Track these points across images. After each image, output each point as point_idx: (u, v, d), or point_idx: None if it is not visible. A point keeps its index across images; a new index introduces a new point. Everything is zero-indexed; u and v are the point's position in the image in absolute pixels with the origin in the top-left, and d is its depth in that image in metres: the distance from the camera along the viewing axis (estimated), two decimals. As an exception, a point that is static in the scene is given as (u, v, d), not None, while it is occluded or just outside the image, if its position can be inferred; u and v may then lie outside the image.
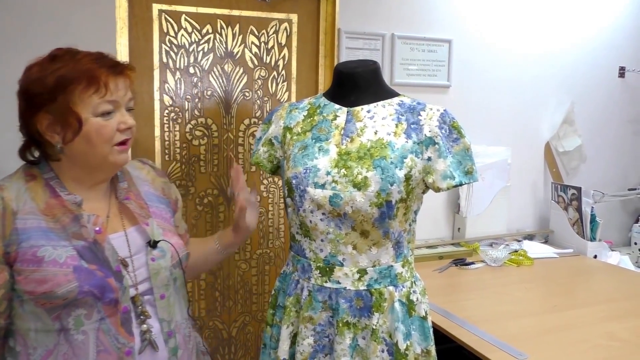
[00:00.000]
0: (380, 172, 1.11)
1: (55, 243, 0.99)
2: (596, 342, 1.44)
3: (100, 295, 0.99)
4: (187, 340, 1.15)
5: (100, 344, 1.00)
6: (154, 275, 1.08)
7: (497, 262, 2.13)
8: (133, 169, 1.21)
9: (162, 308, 1.09)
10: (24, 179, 1.04)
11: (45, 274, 0.96)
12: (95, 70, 1.00)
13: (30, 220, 0.99)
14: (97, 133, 1.00)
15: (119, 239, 1.07)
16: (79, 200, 1.03)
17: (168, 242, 1.11)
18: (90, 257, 1.00)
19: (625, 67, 2.73)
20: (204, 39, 1.89)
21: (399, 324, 1.15)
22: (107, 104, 1.01)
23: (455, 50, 2.30)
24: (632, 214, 2.88)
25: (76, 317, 0.99)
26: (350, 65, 1.25)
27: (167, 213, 1.20)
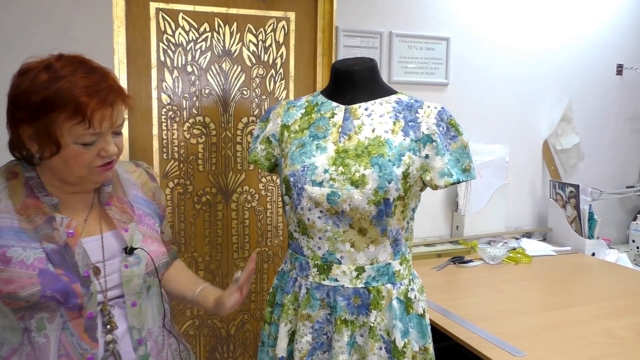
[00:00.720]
0: (378, 170, 1.11)
1: (26, 244, 0.97)
2: (593, 340, 1.45)
3: (63, 300, 0.98)
4: (161, 349, 1.13)
5: (62, 348, 0.99)
6: (126, 282, 1.06)
7: (495, 260, 2.13)
8: (124, 172, 1.19)
9: (132, 315, 1.07)
10: (5, 177, 1.04)
11: (11, 274, 0.95)
12: (84, 103, 0.95)
13: (4, 219, 0.98)
14: (75, 159, 0.99)
15: (93, 242, 1.05)
16: (55, 202, 1.02)
17: (144, 250, 1.09)
18: (59, 261, 0.98)
19: (623, 64, 2.73)
20: (201, 37, 1.89)
21: (396, 321, 1.15)
22: (90, 136, 0.98)
23: (453, 48, 2.30)
24: (630, 212, 2.89)
25: (39, 320, 0.99)
26: (347, 63, 1.25)
27: (152, 219, 1.18)
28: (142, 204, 1.17)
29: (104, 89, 0.99)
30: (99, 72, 1.01)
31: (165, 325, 1.17)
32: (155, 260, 1.11)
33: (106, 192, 1.11)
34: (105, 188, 1.11)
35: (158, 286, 1.15)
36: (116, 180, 1.16)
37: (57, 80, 0.96)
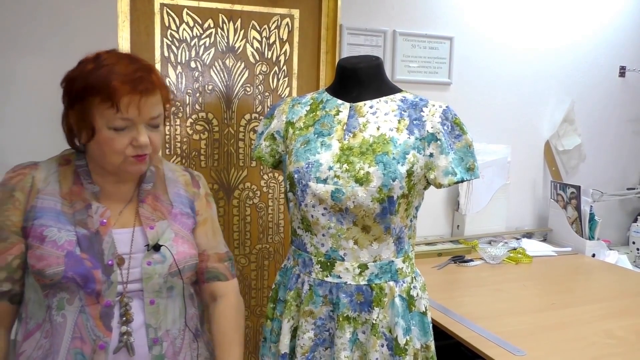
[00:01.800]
0: (382, 168, 1.11)
1: (62, 226, 1.04)
2: (593, 340, 1.45)
3: (83, 284, 1.01)
4: (178, 352, 1.13)
5: (77, 331, 1.03)
6: (146, 279, 1.07)
7: (496, 259, 2.14)
8: (169, 171, 1.22)
9: (150, 313, 1.08)
10: (58, 162, 1.12)
11: (43, 252, 1.02)
12: (115, 86, 1.00)
13: (48, 201, 1.06)
14: (107, 144, 1.03)
15: (124, 234, 1.09)
16: (96, 191, 1.08)
17: (169, 249, 1.10)
18: (86, 246, 1.03)
19: (626, 66, 2.73)
20: (205, 33, 1.89)
21: (399, 319, 1.15)
22: (119, 121, 1.01)
23: (456, 48, 2.30)
24: (630, 214, 2.89)
25: (60, 299, 1.03)
26: (353, 61, 1.25)
27: (190, 219, 1.19)
28: (183, 203, 1.19)
29: (138, 77, 1.03)
30: (139, 63, 1.06)
31: (191, 329, 1.17)
32: (181, 262, 1.11)
33: (144, 189, 1.14)
34: (145, 185, 1.14)
35: (182, 288, 1.14)
36: (159, 178, 1.18)
37: (99, 68, 1.02)
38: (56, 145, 1.52)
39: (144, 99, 1.02)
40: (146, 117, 1.04)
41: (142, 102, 1.02)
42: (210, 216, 1.25)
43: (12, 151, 1.71)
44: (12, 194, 1.06)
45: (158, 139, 1.08)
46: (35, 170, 1.08)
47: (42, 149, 1.73)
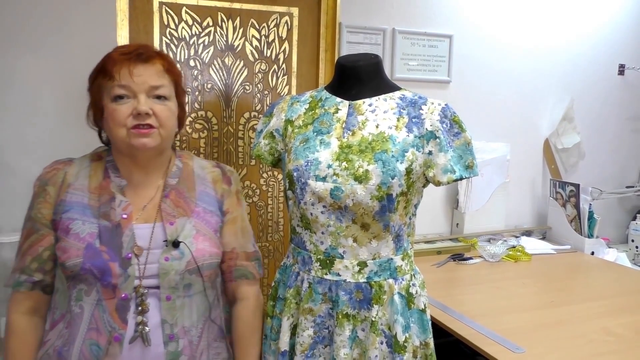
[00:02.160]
0: (381, 166, 1.11)
1: (86, 219, 1.07)
2: (592, 337, 1.45)
3: (99, 276, 1.03)
4: (195, 349, 1.12)
5: (93, 322, 1.05)
6: (163, 275, 1.08)
7: (495, 257, 2.14)
8: (199, 168, 1.23)
9: (165, 309, 1.09)
10: (90, 158, 1.17)
11: (66, 244, 1.05)
12: (111, 58, 1.07)
13: (77, 195, 1.10)
14: (111, 117, 1.06)
15: (145, 229, 1.10)
16: (123, 184, 1.11)
17: (188, 246, 1.10)
18: (107, 239, 1.06)
19: (625, 64, 2.73)
20: (204, 31, 1.89)
21: (398, 316, 1.15)
22: (117, 88, 1.05)
23: (455, 46, 2.31)
24: (629, 212, 2.89)
25: (79, 291, 1.06)
26: (352, 59, 1.25)
27: (214, 217, 1.19)
28: (208, 201, 1.19)
29: (135, 48, 1.08)
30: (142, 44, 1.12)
31: (213, 329, 1.18)
32: (200, 259, 1.11)
33: (169, 184, 1.16)
34: (170, 180, 1.16)
35: (202, 286, 1.15)
36: (187, 175, 1.19)
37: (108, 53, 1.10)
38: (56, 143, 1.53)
39: (138, 65, 1.06)
40: (144, 85, 1.06)
41: (135, 67, 1.05)
42: (240, 214, 1.26)
43: (12, 149, 1.72)
44: (45, 188, 1.11)
45: (164, 112, 1.09)
46: (68, 166, 1.14)
47: (42, 147, 1.74)
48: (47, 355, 1.09)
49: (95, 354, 1.04)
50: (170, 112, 1.11)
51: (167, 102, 1.10)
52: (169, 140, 1.15)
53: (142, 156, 1.12)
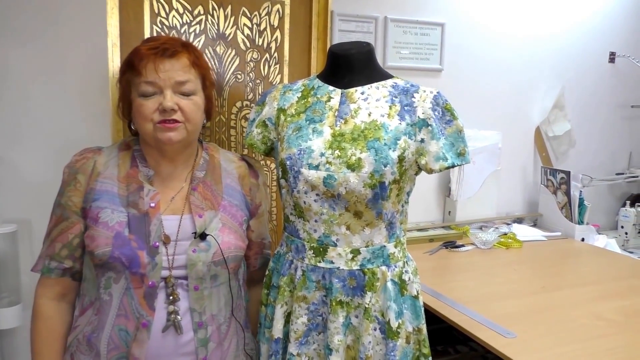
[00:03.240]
0: (374, 154, 1.11)
1: (115, 207, 1.08)
2: (582, 322, 1.47)
3: (128, 264, 1.05)
4: (224, 338, 1.16)
5: (122, 308, 1.06)
6: (190, 265, 1.10)
7: (487, 244, 2.16)
8: (225, 161, 1.25)
9: (194, 299, 1.11)
10: (119, 147, 1.18)
11: (95, 233, 1.06)
12: (136, 53, 1.08)
13: (106, 184, 1.11)
14: (138, 112, 1.08)
15: (172, 221, 1.11)
16: (150, 174, 1.13)
17: (216, 239, 1.12)
18: (135, 227, 1.07)
19: (616, 52, 2.75)
20: (195, 20, 1.87)
21: (391, 302, 1.16)
22: (145, 85, 1.06)
23: (447, 34, 2.30)
24: (619, 198, 2.92)
25: (107, 278, 1.07)
26: (344, 47, 1.25)
27: (240, 211, 1.21)
28: (234, 195, 1.21)
29: (162, 43, 1.08)
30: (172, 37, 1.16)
31: (238, 319, 1.21)
32: (226, 251, 1.13)
33: (197, 176, 1.17)
34: (197, 173, 1.18)
35: (227, 277, 1.17)
36: (214, 167, 1.21)
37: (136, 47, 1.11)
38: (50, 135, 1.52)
39: (164, 60, 1.07)
40: (170, 81, 1.07)
41: (161, 63, 1.06)
42: (267, 206, 1.32)
43: (7, 142, 1.70)
44: (75, 177, 1.12)
45: (190, 107, 1.10)
46: (98, 155, 1.15)
47: (37, 139, 1.73)
48: (76, 341, 1.11)
49: (124, 339, 1.06)
50: (196, 107, 1.12)
51: (193, 96, 1.11)
52: (196, 134, 1.17)
53: (169, 149, 1.13)
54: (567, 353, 1.29)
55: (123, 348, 1.06)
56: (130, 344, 1.05)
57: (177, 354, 1.09)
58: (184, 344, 1.10)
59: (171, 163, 1.16)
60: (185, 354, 1.10)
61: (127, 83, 1.11)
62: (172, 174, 1.16)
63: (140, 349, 1.05)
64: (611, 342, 1.35)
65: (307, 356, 1.21)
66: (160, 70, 1.06)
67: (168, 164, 1.16)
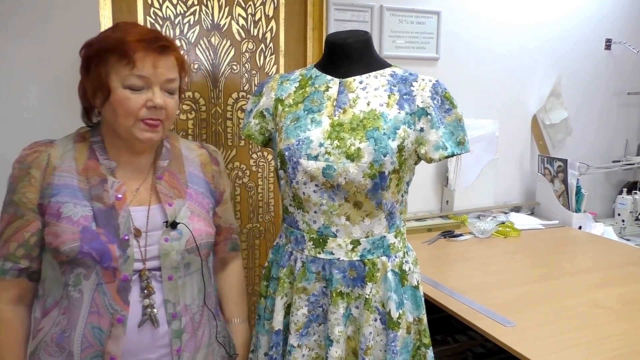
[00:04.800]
0: (373, 143, 1.11)
1: (78, 202, 1.04)
2: (580, 310, 1.48)
3: (99, 259, 1.02)
4: (197, 327, 1.16)
5: (94, 305, 1.04)
6: (164, 255, 1.09)
7: (485, 233, 2.16)
8: (186, 149, 1.23)
9: (167, 289, 1.09)
10: (73, 140, 1.12)
11: (59, 229, 1.02)
12: (130, 43, 1.03)
13: (65, 178, 1.07)
14: (121, 104, 1.03)
15: (140, 212, 1.09)
16: (112, 166, 1.09)
17: (187, 226, 1.11)
18: (102, 221, 1.04)
19: (612, 39, 2.74)
20: (189, 10, 1.85)
21: (391, 293, 1.16)
22: (135, 78, 1.03)
23: (443, 23, 2.29)
24: (616, 186, 2.93)
25: (76, 275, 1.04)
26: (341, 36, 1.24)
27: (206, 198, 1.20)
28: (198, 183, 1.20)
29: (153, 37, 1.05)
30: (155, 30, 1.11)
31: (208, 306, 1.20)
32: (197, 239, 1.12)
33: (161, 166, 1.15)
34: (161, 162, 1.15)
35: (200, 265, 1.16)
36: (176, 156, 1.19)
37: (116, 32, 1.06)
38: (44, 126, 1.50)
39: (160, 57, 1.04)
40: (162, 77, 1.05)
41: (157, 60, 1.04)
42: (230, 192, 1.31)
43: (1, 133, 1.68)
44: (29, 172, 1.07)
45: (173, 106, 1.09)
46: (51, 148, 1.09)
47: (30, 130, 1.71)
48: (44, 344, 1.06)
49: (98, 337, 1.03)
50: (176, 106, 1.11)
51: (174, 95, 1.10)
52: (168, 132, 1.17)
53: (142, 146, 1.11)
54: (566, 341, 1.30)
55: (97, 346, 1.03)
56: (104, 341, 1.03)
57: (154, 347, 1.08)
58: (160, 336, 1.09)
59: (134, 154, 1.13)
60: (161, 347, 1.09)
61: (105, 68, 1.04)
62: (135, 165, 1.13)
63: (116, 345, 1.03)
64: (609, 330, 1.36)
65: (308, 347, 1.21)
66: (157, 66, 1.04)
67: (131, 154, 1.12)
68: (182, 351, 1.11)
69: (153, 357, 1.09)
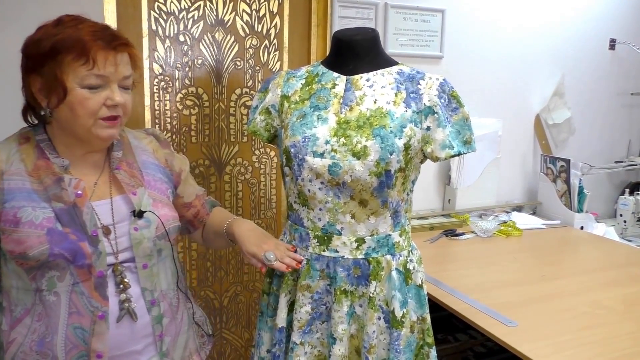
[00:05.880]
0: (379, 141, 1.10)
1: (36, 204, 1.00)
2: (582, 310, 1.48)
3: (72, 258, 0.99)
4: (175, 311, 1.16)
5: (72, 306, 1.01)
6: (136, 244, 1.07)
7: (487, 233, 2.16)
8: (134, 138, 1.20)
9: (144, 277, 1.09)
10: (17, 142, 1.06)
11: (21, 235, 0.98)
12: (88, 42, 0.98)
13: (15, 181, 1.01)
14: (80, 104, 1.00)
15: (103, 206, 1.07)
16: (66, 164, 1.04)
17: (154, 213, 1.10)
18: (67, 221, 1.01)
19: (616, 39, 2.73)
20: (194, 5, 1.85)
21: (395, 292, 1.16)
22: (94, 78, 0.99)
23: (448, 20, 2.28)
24: (618, 186, 2.93)
25: (49, 279, 1.01)
26: (349, 33, 1.23)
27: (164, 184, 1.19)
28: (153, 169, 1.18)
29: (109, 34, 1.02)
30: (104, 24, 1.06)
31: (181, 288, 1.20)
32: (166, 224, 1.12)
33: (116, 157, 1.12)
34: (115, 153, 1.13)
35: (170, 249, 1.16)
36: (126, 146, 1.17)
37: (65, 28, 1.00)
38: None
39: (119, 55, 1.02)
40: (120, 75, 1.02)
41: (115, 57, 1.01)
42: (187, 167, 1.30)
43: None
44: None
45: (129, 102, 1.06)
46: None
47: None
48: (21, 354, 1.02)
49: (82, 337, 1.02)
50: (131, 101, 1.09)
51: (129, 91, 1.08)
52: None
53: (101, 144, 1.08)
54: (568, 341, 1.30)
55: (82, 346, 1.02)
56: (88, 339, 1.02)
57: (137, 338, 1.08)
58: (142, 327, 1.08)
59: (86, 149, 1.08)
60: (144, 336, 1.09)
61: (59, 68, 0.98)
62: (88, 160, 1.09)
63: (101, 342, 1.02)
64: (612, 330, 1.36)
65: (311, 345, 1.21)
66: (116, 64, 1.01)
67: (82, 149, 1.08)
68: (164, 336, 1.12)
69: (139, 348, 1.08)
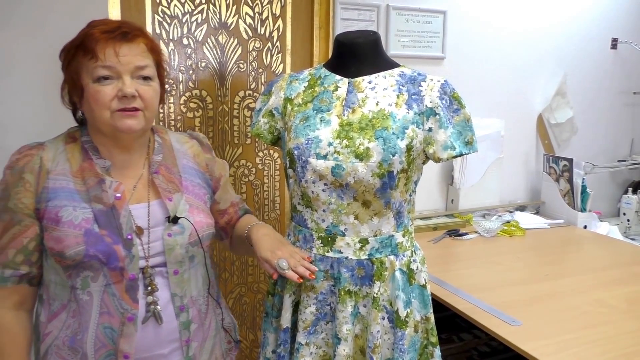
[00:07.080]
0: (382, 143, 1.11)
1: (77, 204, 1.03)
2: (586, 309, 1.48)
3: (106, 260, 1.02)
4: (204, 317, 1.17)
5: (104, 306, 1.04)
6: (168, 250, 1.08)
7: (490, 232, 2.16)
8: (176, 142, 1.22)
9: (174, 283, 1.10)
10: (64, 141, 1.10)
11: (60, 233, 1.01)
12: (90, 35, 1.01)
13: (60, 181, 1.05)
14: (93, 98, 1.02)
15: (140, 209, 1.09)
16: (107, 165, 1.07)
17: (188, 220, 1.11)
18: (104, 222, 1.03)
19: (618, 38, 2.73)
20: (197, 9, 1.86)
21: (399, 292, 1.17)
22: (101, 69, 1.01)
23: (449, 22, 2.29)
24: (621, 185, 2.93)
25: (84, 278, 1.04)
26: (350, 36, 1.24)
27: (202, 189, 1.20)
28: (193, 174, 1.19)
29: (117, 27, 1.03)
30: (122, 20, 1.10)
31: (212, 295, 1.21)
32: (199, 231, 1.13)
33: (155, 161, 1.14)
34: (155, 157, 1.14)
35: (203, 256, 1.17)
36: (168, 150, 1.18)
37: (84, 29, 1.05)
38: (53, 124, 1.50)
39: (122, 44, 1.02)
40: (129, 65, 1.02)
41: (120, 48, 1.01)
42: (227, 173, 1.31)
43: (12, 130, 1.69)
44: (22, 176, 1.04)
45: (149, 93, 1.05)
46: (42, 151, 1.07)
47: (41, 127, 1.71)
48: (55, 347, 1.06)
49: (110, 337, 1.04)
50: (154, 93, 1.08)
51: (151, 82, 1.07)
52: (153, 121, 1.13)
53: (126, 137, 1.08)
54: (572, 340, 1.30)
55: (110, 346, 1.04)
56: (117, 340, 1.04)
57: (164, 341, 1.09)
58: (170, 331, 1.09)
59: (126, 151, 1.10)
60: (172, 341, 1.10)
61: (77, 67, 1.02)
62: (129, 163, 1.11)
63: (128, 343, 1.04)
64: (615, 329, 1.36)
65: (316, 345, 1.22)
66: (120, 54, 1.01)
67: (123, 152, 1.10)
68: (191, 341, 1.12)
69: (165, 352, 1.10)
